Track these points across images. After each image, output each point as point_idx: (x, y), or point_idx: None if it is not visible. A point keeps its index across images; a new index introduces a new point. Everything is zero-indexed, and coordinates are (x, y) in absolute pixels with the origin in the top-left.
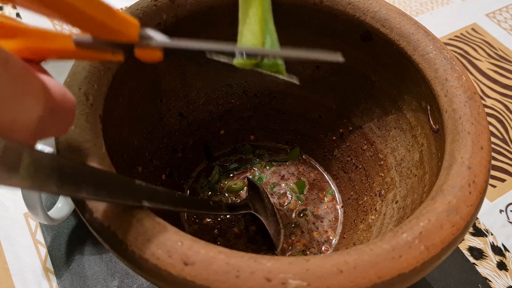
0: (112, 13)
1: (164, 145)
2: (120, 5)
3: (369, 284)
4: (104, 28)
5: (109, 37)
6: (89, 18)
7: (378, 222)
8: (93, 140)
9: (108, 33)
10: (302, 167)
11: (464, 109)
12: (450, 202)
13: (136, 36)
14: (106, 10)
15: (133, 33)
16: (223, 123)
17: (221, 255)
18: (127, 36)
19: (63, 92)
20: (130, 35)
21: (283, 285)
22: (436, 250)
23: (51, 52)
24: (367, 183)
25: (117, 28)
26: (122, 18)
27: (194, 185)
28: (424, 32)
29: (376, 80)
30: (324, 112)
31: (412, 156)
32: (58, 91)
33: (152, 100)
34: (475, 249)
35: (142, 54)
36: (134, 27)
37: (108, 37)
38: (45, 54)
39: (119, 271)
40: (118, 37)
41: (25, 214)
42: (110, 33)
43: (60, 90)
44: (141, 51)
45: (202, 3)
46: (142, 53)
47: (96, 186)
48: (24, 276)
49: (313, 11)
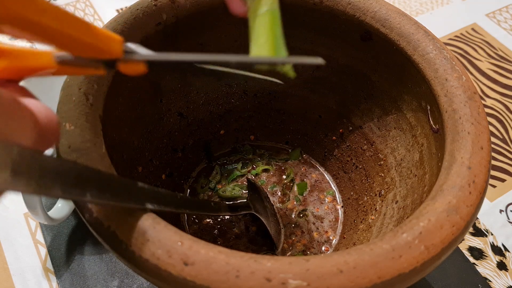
0: (94, 31)
1: (164, 145)
2: (120, 5)
3: (369, 284)
4: (86, 47)
5: (92, 55)
6: (71, 39)
7: (378, 222)
8: (93, 140)
9: (91, 51)
10: (304, 168)
11: (464, 109)
12: (450, 202)
13: (120, 52)
14: (87, 29)
15: (116, 50)
16: (223, 123)
17: (221, 255)
18: (110, 52)
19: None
20: (113, 52)
21: (283, 285)
22: (436, 250)
23: (32, 71)
24: (367, 183)
25: (99, 46)
26: (104, 35)
27: (194, 185)
28: (424, 32)
29: (376, 80)
30: (324, 112)
31: (412, 156)
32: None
33: (152, 100)
34: (475, 249)
35: (125, 68)
36: (117, 43)
37: (90, 55)
38: (26, 73)
39: (119, 271)
40: (101, 55)
41: (25, 214)
42: (93, 51)
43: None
44: (124, 66)
45: (202, 3)
46: (125, 67)
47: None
48: (24, 276)
49: (313, 11)
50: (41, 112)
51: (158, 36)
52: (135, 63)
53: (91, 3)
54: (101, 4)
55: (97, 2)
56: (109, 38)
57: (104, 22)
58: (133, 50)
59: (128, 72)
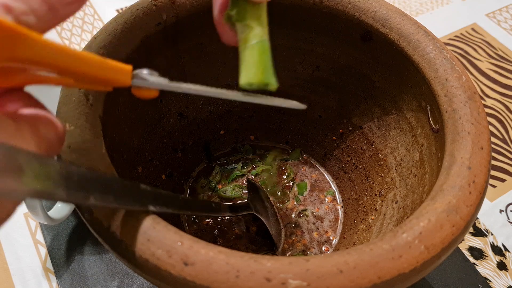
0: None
1: (164, 145)
2: (120, 5)
3: (369, 284)
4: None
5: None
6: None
7: (378, 222)
8: (93, 140)
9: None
10: (304, 168)
11: (464, 109)
12: (450, 202)
13: (128, 81)
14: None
15: (125, 80)
16: (223, 123)
17: (221, 255)
18: (119, 83)
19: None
20: (122, 82)
21: (283, 285)
22: (436, 250)
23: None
24: (367, 183)
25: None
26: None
27: (194, 185)
28: (424, 32)
29: (376, 80)
30: (324, 112)
31: (412, 156)
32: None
33: (152, 100)
34: (475, 249)
35: (137, 93)
36: (125, 74)
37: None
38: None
39: (119, 271)
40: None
41: (25, 214)
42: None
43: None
44: (136, 91)
45: (202, 3)
46: (137, 92)
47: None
48: (24, 276)
49: (313, 11)
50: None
51: (158, 36)
52: (146, 89)
53: (91, 3)
54: (101, 4)
55: (97, 2)
56: (118, 70)
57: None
58: (143, 78)
59: (141, 96)
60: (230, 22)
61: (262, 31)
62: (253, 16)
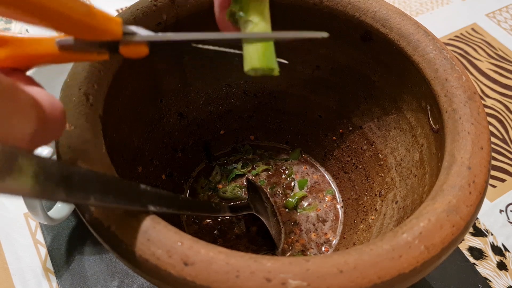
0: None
1: (164, 145)
2: (120, 5)
3: (369, 284)
4: (85, 28)
5: (92, 37)
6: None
7: (378, 222)
8: (93, 140)
9: (90, 32)
10: (304, 167)
11: (464, 109)
12: (450, 202)
13: (119, 33)
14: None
15: (115, 30)
16: (223, 123)
17: (221, 255)
18: (110, 33)
19: (52, 102)
20: (113, 33)
21: (283, 285)
22: (436, 250)
23: (35, 58)
24: (367, 183)
25: (98, 27)
26: (102, 16)
27: (194, 185)
28: (424, 32)
29: (376, 80)
30: (324, 112)
31: (412, 156)
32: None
33: (152, 100)
34: (475, 249)
35: (127, 51)
36: (116, 24)
37: (90, 37)
38: (30, 61)
39: (119, 271)
40: (101, 36)
41: (25, 214)
42: (92, 32)
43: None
44: (126, 48)
45: (203, 3)
46: (127, 50)
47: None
48: (24, 276)
49: (313, 11)
50: (45, 100)
51: None
52: (136, 45)
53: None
54: (101, 4)
55: (97, 2)
56: (108, 19)
57: None
58: (133, 31)
59: (131, 55)
60: (232, 19)
61: (265, 26)
62: (256, 11)
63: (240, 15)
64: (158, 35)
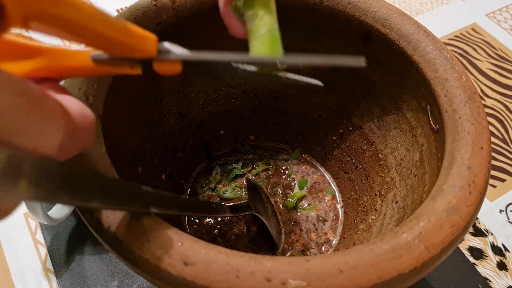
0: (129, 30)
1: (164, 145)
2: (120, 5)
3: (369, 284)
4: (120, 46)
5: (126, 54)
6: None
7: (378, 222)
8: None
9: (125, 50)
10: (304, 167)
11: (464, 109)
12: (450, 202)
13: (154, 51)
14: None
15: (150, 49)
16: (223, 123)
17: (221, 255)
18: (145, 51)
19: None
20: (148, 51)
21: (283, 285)
22: (436, 250)
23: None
24: (367, 183)
25: (134, 45)
26: (139, 34)
27: (194, 185)
28: (424, 32)
29: (376, 80)
30: (324, 112)
31: (412, 156)
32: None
33: (152, 100)
34: (475, 249)
35: (160, 68)
36: (151, 42)
37: (125, 54)
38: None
39: (119, 271)
40: (136, 54)
41: (25, 214)
42: (127, 50)
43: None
44: (159, 65)
45: (203, 3)
46: (161, 66)
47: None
48: (24, 276)
49: (313, 11)
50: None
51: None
52: (171, 63)
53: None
54: (101, 4)
55: (97, 2)
56: (144, 37)
57: None
58: (168, 49)
59: (164, 72)
60: (237, 12)
61: (271, 19)
62: (261, 4)
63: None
64: (193, 54)
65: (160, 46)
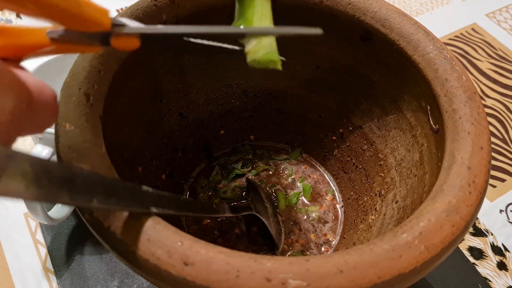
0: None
1: (164, 145)
2: (120, 5)
3: (369, 284)
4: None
5: (81, 27)
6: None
7: (378, 222)
8: (93, 140)
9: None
10: (304, 167)
11: (464, 109)
12: (450, 202)
13: (108, 24)
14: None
15: (104, 21)
16: (223, 123)
17: (221, 255)
18: (98, 24)
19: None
20: (101, 24)
21: (283, 285)
22: (436, 250)
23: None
24: (367, 183)
25: (86, 17)
26: (91, 6)
27: (194, 185)
28: (424, 32)
29: (376, 80)
30: (324, 112)
31: (412, 156)
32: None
33: (152, 100)
34: (475, 249)
35: (118, 43)
36: (104, 14)
37: (79, 28)
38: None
39: (119, 271)
40: (90, 27)
41: (25, 214)
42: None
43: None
44: (117, 40)
45: (202, 3)
46: (118, 42)
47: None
48: (24, 276)
49: (313, 11)
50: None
51: None
52: (128, 37)
53: None
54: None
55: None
56: (97, 10)
57: None
58: (123, 23)
59: (122, 47)
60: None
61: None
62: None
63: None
64: (148, 27)
65: (114, 20)
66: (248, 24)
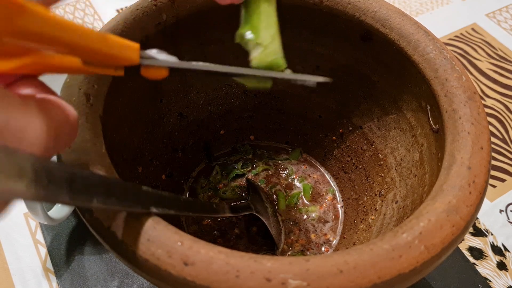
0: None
1: (164, 145)
2: (120, 5)
3: (369, 284)
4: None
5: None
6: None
7: (378, 222)
8: (93, 140)
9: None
10: (304, 167)
11: (464, 109)
12: (450, 202)
13: (137, 59)
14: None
15: (132, 57)
16: (223, 123)
17: (221, 255)
18: (127, 60)
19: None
20: (131, 60)
21: (283, 285)
22: (436, 250)
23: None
24: (367, 183)
25: (117, 55)
26: (119, 44)
27: (194, 185)
28: (424, 32)
29: (376, 80)
30: (324, 112)
31: (412, 156)
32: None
33: (152, 100)
34: (475, 249)
35: (147, 73)
36: (133, 51)
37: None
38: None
39: (119, 271)
40: (119, 62)
41: (25, 214)
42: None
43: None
44: (146, 70)
45: (202, 4)
46: (147, 72)
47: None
48: (24, 276)
49: (313, 11)
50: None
51: (158, 36)
52: (156, 68)
53: (91, 3)
54: (101, 4)
55: (97, 2)
56: (125, 47)
57: (104, 22)
58: (151, 56)
59: (150, 76)
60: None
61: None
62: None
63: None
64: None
65: (143, 54)
66: (255, 31)
